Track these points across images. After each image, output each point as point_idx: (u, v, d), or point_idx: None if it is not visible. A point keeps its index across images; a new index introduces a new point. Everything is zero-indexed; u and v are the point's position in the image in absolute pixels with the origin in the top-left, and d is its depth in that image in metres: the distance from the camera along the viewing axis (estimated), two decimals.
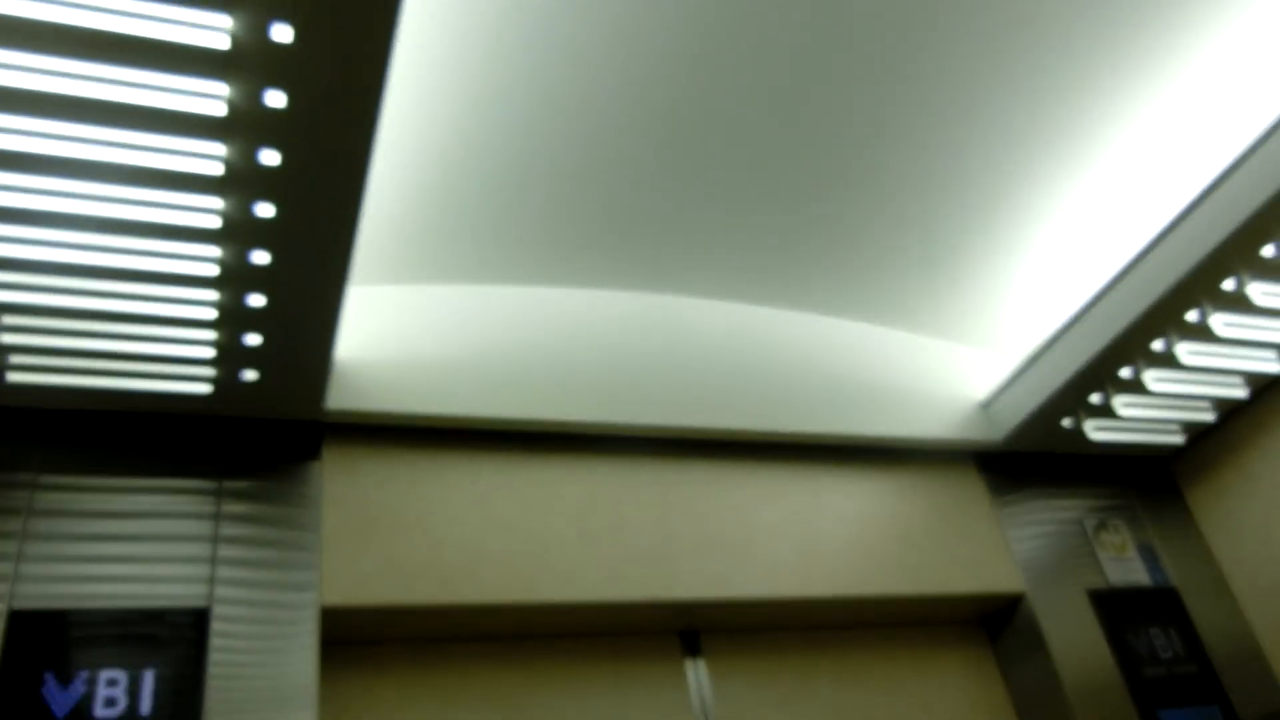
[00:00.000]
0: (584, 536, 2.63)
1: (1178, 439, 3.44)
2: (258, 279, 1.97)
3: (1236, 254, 2.56)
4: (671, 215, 2.81)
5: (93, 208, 1.75)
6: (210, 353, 2.16)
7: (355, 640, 2.49)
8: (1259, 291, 2.69)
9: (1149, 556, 3.34)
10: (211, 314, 2.04)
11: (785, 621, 2.94)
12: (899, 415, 3.15)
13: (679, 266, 3.03)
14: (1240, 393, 3.18)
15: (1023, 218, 2.98)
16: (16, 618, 2.03)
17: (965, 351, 3.49)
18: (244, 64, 1.56)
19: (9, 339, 2.01)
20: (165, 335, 2.09)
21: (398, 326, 2.70)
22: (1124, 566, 3.27)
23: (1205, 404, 3.25)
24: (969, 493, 3.23)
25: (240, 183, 1.76)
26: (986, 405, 3.30)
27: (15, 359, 2.08)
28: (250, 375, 2.27)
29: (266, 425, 2.47)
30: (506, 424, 2.67)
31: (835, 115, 2.56)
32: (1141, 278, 2.73)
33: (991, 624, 3.22)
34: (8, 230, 1.77)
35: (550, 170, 2.57)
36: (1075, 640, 3.01)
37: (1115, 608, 3.14)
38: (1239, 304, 2.75)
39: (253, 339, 2.13)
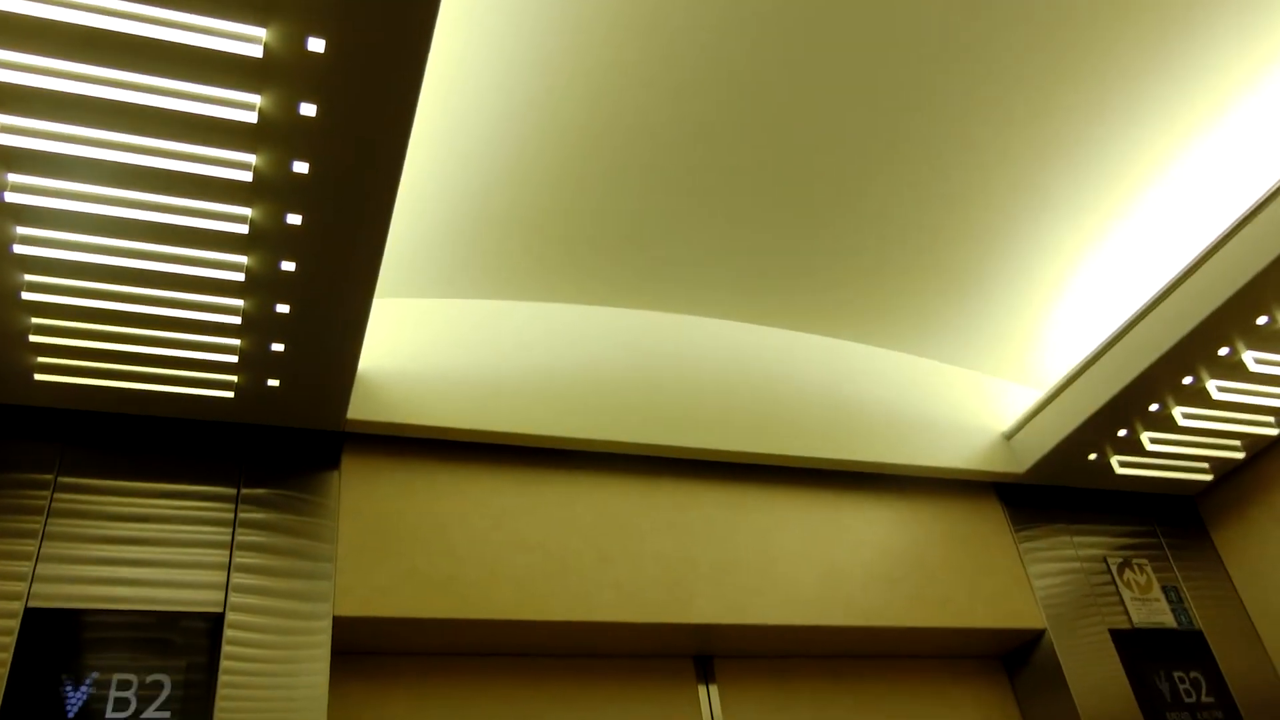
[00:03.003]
0: (601, 556, 2.61)
1: (1206, 476, 3.38)
2: (284, 287, 1.99)
3: (1271, 289, 2.52)
4: (696, 239, 2.81)
5: (123, 212, 1.78)
6: (234, 359, 2.17)
7: (367, 651, 2.49)
8: None
9: (1174, 597, 3.27)
10: (237, 320, 2.05)
11: (801, 649, 2.91)
12: (921, 444, 3.12)
13: (703, 288, 3.02)
14: (1272, 430, 3.12)
15: (1051, 248, 2.95)
16: (32, 615, 2.04)
17: (989, 381, 3.45)
18: (278, 74, 1.58)
19: (39, 339, 2.04)
20: (191, 339, 2.10)
21: (420, 339, 2.71)
22: (1148, 607, 3.21)
23: (1235, 441, 3.20)
24: (990, 525, 3.18)
25: (270, 191, 1.77)
26: (1010, 436, 3.26)
27: (44, 359, 2.11)
28: (273, 382, 2.28)
29: (287, 434, 2.48)
30: (526, 440, 2.67)
31: (860, 143, 2.55)
32: (1172, 311, 2.69)
33: (1011, 660, 3.16)
34: (39, 233, 1.80)
35: (575, 191, 2.58)
36: (1096, 680, 2.95)
37: (1138, 649, 3.08)
38: (1273, 340, 2.71)
39: (276, 346, 2.15)
